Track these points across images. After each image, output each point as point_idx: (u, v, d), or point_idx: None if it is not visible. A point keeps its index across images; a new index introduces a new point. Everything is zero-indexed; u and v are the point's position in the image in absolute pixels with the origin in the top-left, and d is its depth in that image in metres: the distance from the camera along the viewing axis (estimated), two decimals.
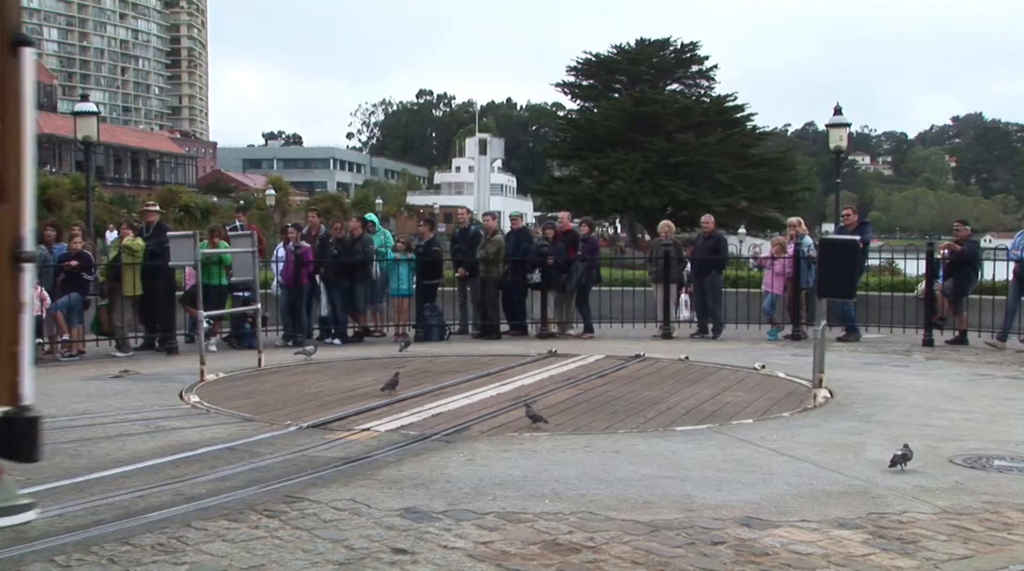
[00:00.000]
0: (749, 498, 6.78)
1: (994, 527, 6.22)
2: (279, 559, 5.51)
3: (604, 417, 9.84)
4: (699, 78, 67.45)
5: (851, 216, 16.92)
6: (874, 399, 10.73)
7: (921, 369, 13.34)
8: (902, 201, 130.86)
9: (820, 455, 8.06)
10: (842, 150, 23.14)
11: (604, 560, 5.52)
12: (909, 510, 6.53)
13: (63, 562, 5.42)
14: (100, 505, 6.55)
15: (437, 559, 5.52)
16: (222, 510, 6.42)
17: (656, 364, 13.49)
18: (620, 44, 66.78)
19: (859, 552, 5.71)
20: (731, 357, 14.09)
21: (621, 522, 6.20)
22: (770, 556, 5.62)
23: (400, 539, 5.85)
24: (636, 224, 63.11)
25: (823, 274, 10.96)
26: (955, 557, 5.66)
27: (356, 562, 5.47)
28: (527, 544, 5.78)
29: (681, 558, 5.57)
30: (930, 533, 6.07)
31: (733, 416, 9.87)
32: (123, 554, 5.57)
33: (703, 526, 6.13)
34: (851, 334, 16.32)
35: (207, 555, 5.56)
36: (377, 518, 6.26)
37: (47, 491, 6.89)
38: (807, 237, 17.21)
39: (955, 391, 11.43)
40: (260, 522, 6.18)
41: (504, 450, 8.18)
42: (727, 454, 8.09)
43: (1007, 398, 11.02)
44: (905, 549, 5.76)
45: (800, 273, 16.50)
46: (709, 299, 17.07)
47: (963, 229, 16.74)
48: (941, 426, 9.32)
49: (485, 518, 6.25)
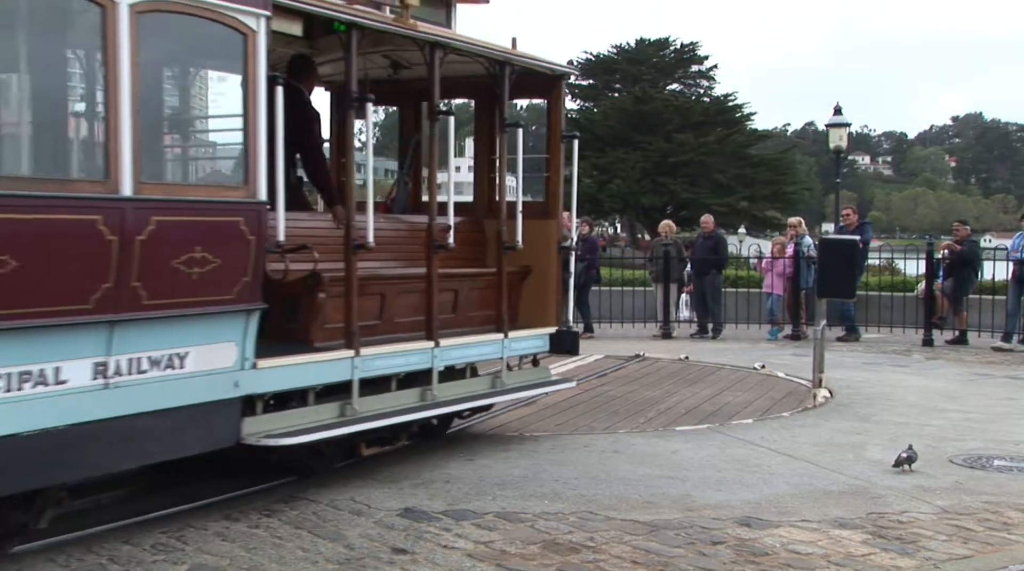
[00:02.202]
0: (749, 498, 6.79)
1: (994, 527, 6.23)
2: (279, 559, 5.51)
3: (604, 417, 9.85)
4: (699, 78, 67.43)
5: (851, 216, 16.91)
6: (874, 399, 10.74)
7: (921, 369, 13.34)
8: (902, 201, 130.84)
9: (820, 455, 8.07)
10: (842, 150, 23.14)
11: (604, 560, 5.52)
12: (909, 510, 6.54)
13: (63, 561, 5.43)
14: (101, 504, 6.56)
15: (437, 559, 5.52)
16: (222, 510, 6.42)
17: (656, 364, 13.49)
18: (620, 44, 66.76)
19: (859, 552, 5.71)
20: (731, 357, 14.09)
21: (621, 522, 6.20)
22: (770, 556, 5.63)
23: (400, 539, 5.86)
24: (636, 224, 63.09)
25: (823, 274, 10.98)
26: (955, 557, 5.67)
27: (356, 562, 5.48)
28: (527, 544, 5.78)
29: (681, 558, 5.58)
30: (930, 533, 6.08)
31: (733, 416, 9.88)
32: (123, 553, 5.57)
33: (703, 526, 6.14)
34: (851, 334, 16.32)
35: (207, 555, 5.57)
36: (377, 518, 6.26)
37: None
38: (807, 237, 17.22)
39: (955, 391, 11.43)
40: (260, 521, 6.18)
41: (504, 450, 8.18)
42: (727, 454, 8.10)
43: (1007, 398, 11.03)
44: (905, 549, 5.77)
45: (800, 273, 16.50)
46: (709, 299, 17.06)
47: (963, 229, 16.75)
48: (941, 426, 9.33)
49: (485, 518, 6.26)
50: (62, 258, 5.08)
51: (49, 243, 5.02)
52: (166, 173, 6.46)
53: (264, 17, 6.10)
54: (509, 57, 8.42)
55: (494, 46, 8.43)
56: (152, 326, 5.61)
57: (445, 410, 8.00)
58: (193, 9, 5.72)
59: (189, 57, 6.72)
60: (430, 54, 7.67)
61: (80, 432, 5.27)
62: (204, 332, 5.89)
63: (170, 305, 5.67)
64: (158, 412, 5.68)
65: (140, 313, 5.52)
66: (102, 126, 5.45)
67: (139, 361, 5.58)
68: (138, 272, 5.41)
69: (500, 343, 8.38)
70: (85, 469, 5.54)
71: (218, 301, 5.91)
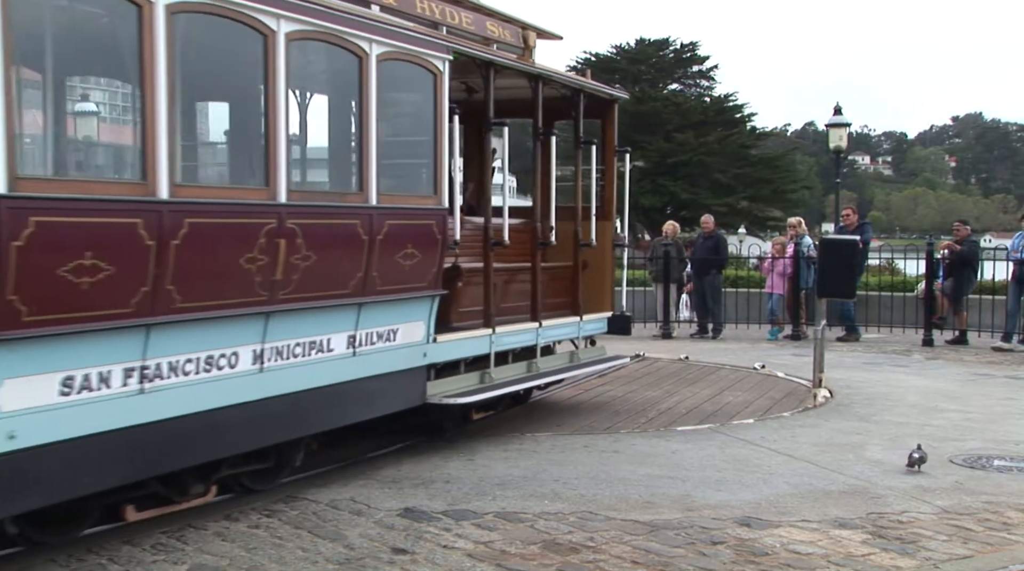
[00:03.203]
0: (749, 498, 6.78)
1: (994, 527, 6.23)
2: (279, 559, 5.51)
3: (604, 417, 9.84)
4: (699, 78, 67.34)
5: (851, 216, 16.89)
6: (874, 399, 10.73)
7: (921, 369, 13.34)
8: (902, 201, 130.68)
9: (820, 455, 8.07)
10: (842, 150, 23.07)
11: (604, 560, 5.52)
12: (909, 510, 6.54)
13: (63, 561, 5.43)
14: None
15: (437, 559, 5.52)
16: (222, 510, 6.42)
17: (656, 364, 13.49)
18: (620, 44, 66.63)
19: (859, 552, 5.71)
20: (731, 357, 14.09)
21: (621, 522, 6.20)
22: (770, 556, 5.62)
23: (400, 539, 5.86)
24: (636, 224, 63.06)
25: (823, 274, 10.97)
26: (955, 557, 5.67)
27: (356, 562, 5.48)
28: (527, 544, 5.78)
29: (681, 558, 5.57)
30: (930, 533, 6.07)
31: (733, 416, 9.87)
32: (123, 553, 5.57)
33: (703, 526, 6.14)
34: (851, 334, 16.31)
35: (207, 555, 5.57)
36: (377, 518, 6.26)
37: None
38: (807, 237, 17.20)
39: (955, 391, 11.43)
40: (260, 521, 6.18)
41: (504, 449, 8.18)
42: (727, 454, 8.10)
43: (1007, 398, 11.02)
44: (905, 549, 5.77)
45: (800, 273, 16.49)
46: (709, 299, 17.05)
47: (963, 229, 16.73)
48: (941, 426, 9.32)
49: (485, 518, 6.26)
50: (336, 254, 6.66)
51: (334, 242, 6.66)
52: (394, 187, 7.62)
53: (447, 60, 7.72)
54: (584, 85, 10.08)
55: (574, 77, 10.31)
56: (383, 307, 7.19)
57: (547, 379, 9.75)
58: (409, 56, 7.40)
59: (403, 92, 8.01)
60: (535, 84, 9.20)
61: (335, 392, 6.83)
62: (408, 312, 7.51)
63: (393, 290, 7.25)
64: (382, 375, 7.27)
65: (377, 297, 7.07)
66: (357, 154, 7.14)
67: (373, 335, 7.20)
68: (377, 264, 6.94)
69: (576, 325, 9.98)
70: (330, 422, 7.01)
71: (418, 288, 7.52)
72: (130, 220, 5.22)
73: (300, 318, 6.43)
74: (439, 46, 7.67)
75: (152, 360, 5.43)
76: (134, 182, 5.41)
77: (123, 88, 6.37)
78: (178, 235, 5.40)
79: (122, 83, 6.32)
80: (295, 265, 6.20)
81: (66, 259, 4.84)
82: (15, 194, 4.60)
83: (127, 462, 5.42)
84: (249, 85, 6.56)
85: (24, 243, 4.64)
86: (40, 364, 4.86)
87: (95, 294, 4.99)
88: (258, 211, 6.07)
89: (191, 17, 5.61)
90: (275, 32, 6.11)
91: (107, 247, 5.04)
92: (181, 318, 5.53)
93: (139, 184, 5.33)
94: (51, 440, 4.92)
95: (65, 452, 5.00)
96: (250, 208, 6.07)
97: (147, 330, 5.36)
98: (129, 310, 5.22)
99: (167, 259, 5.33)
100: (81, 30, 5.93)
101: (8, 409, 4.71)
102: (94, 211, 5.07)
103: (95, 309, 5.04)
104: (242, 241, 5.92)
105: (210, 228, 5.71)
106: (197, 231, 5.54)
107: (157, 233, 5.28)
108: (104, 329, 5.13)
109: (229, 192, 6.39)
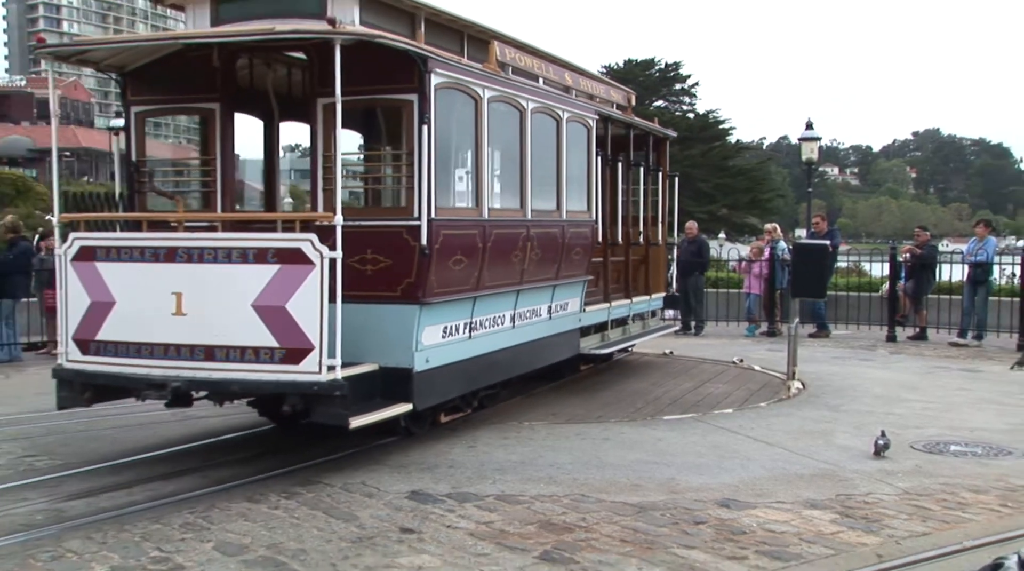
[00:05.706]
0: (728, 481, 6.77)
1: (950, 506, 6.22)
2: (297, 537, 5.50)
3: (596, 407, 9.82)
4: (682, 95, 67.33)
5: (820, 223, 16.87)
6: (842, 390, 10.72)
7: (885, 363, 13.32)
8: (867, 209, 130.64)
9: (793, 442, 8.05)
10: (813, 162, 23.00)
11: (595, 538, 5.51)
12: (874, 491, 6.53)
13: (100, 539, 5.42)
14: (134, 486, 6.55)
15: (441, 537, 5.51)
16: (245, 492, 6.41)
17: (643, 358, 13.47)
18: (609, 64, 66.67)
19: (828, 530, 5.70)
20: (712, 352, 14.06)
21: (611, 503, 6.19)
22: (747, 534, 5.61)
23: (407, 519, 5.85)
24: None
25: (796, 276, 10.95)
26: (915, 534, 5.67)
27: (367, 540, 5.47)
28: (524, 523, 5.77)
29: (666, 536, 5.56)
30: (892, 512, 6.07)
31: (714, 406, 9.85)
32: (154, 531, 5.56)
33: (686, 507, 6.13)
34: (822, 331, 16.29)
35: (231, 533, 5.55)
36: (386, 500, 6.25)
37: (87, 473, 6.90)
38: (782, 242, 17.18)
39: (915, 382, 11.41)
40: (280, 503, 6.17)
41: (503, 437, 8.17)
42: (708, 441, 8.08)
43: (962, 388, 11.01)
44: (870, 527, 5.76)
45: (775, 275, 16.48)
46: (692, 298, 17.03)
47: (923, 234, 16.77)
48: (903, 414, 9.31)
49: (485, 500, 6.24)
50: (548, 251, 9.20)
51: (549, 243, 9.18)
52: (571, 205, 9.83)
53: (596, 120, 10.48)
54: (652, 129, 13.00)
55: (643, 121, 12.80)
56: (564, 287, 9.81)
57: (635, 341, 12.48)
58: (579, 119, 10.03)
59: (573, 141, 9.98)
60: (627, 129, 11.86)
61: (543, 342, 9.55)
62: (572, 291, 10.10)
63: (569, 276, 9.84)
64: (561, 333, 9.97)
65: (563, 280, 9.71)
66: (555, 183, 9.53)
67: (558, 306, 9.81)
68: (564, 258, 9.54)
69: (648, 301, 12.83)
70: (540, 362, 9.73)
71: (579, 274, 10.11)
72: (471, 232, 7.87)
73: (530, 294, 9.09)
74: (591, 110, 10.44)
75: (476, 318, 8.18)
76: (472, 208, 8.05)
77: (469, 154, 8.37)
78: (491, 240, 8.07)
79: (471, 152, 8.30)
80: (532, 258, 8.82)
81: (452, 255, 7.52)
82: (436, 218, 7.19)
83: (465, 380, 8.22)
84: (512, 142, 8.83)
85: (439, 246, 7.26)
86: (437, 318, 7.55)
87: (457, 278, 7.65)
88: (519, 224, 8.67)
89: (494, 105, 8.20)
90: (525, 109, 8.80)
91: (464, 249, 7.69)
92: (488, 293, 8.24)
93: (474, 209, 8.03)
94: (441, 364, 7.61)
95: (444, 371, 7.66)
96: (516, 222, 8.66)
97: (474, 300, 8.06)
98: (468, 287, 7.89)
99: (486, 256, 7.99)
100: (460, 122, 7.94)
101: (426, 344, 7.37)
102: (461, 226, 7.74)
103: (454, 286, 7.64)
104: (513, 243, 8.53)
105: (503, 235, 8.32)
106: (498, 237, 8.21)
107: (482, 239, 7.96)
108: (457, 300, 7.79)
109: (507, 213, 8.63)
